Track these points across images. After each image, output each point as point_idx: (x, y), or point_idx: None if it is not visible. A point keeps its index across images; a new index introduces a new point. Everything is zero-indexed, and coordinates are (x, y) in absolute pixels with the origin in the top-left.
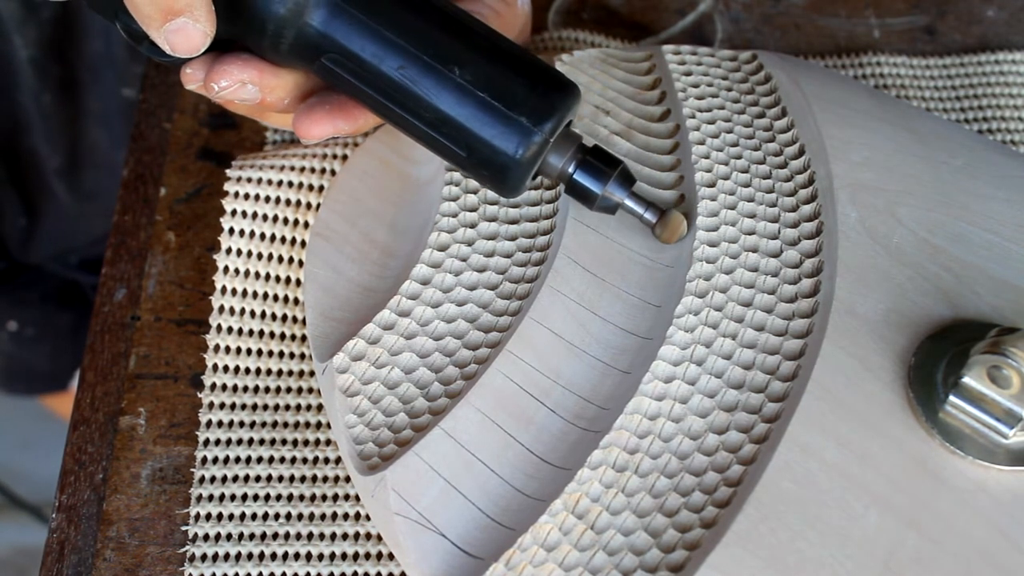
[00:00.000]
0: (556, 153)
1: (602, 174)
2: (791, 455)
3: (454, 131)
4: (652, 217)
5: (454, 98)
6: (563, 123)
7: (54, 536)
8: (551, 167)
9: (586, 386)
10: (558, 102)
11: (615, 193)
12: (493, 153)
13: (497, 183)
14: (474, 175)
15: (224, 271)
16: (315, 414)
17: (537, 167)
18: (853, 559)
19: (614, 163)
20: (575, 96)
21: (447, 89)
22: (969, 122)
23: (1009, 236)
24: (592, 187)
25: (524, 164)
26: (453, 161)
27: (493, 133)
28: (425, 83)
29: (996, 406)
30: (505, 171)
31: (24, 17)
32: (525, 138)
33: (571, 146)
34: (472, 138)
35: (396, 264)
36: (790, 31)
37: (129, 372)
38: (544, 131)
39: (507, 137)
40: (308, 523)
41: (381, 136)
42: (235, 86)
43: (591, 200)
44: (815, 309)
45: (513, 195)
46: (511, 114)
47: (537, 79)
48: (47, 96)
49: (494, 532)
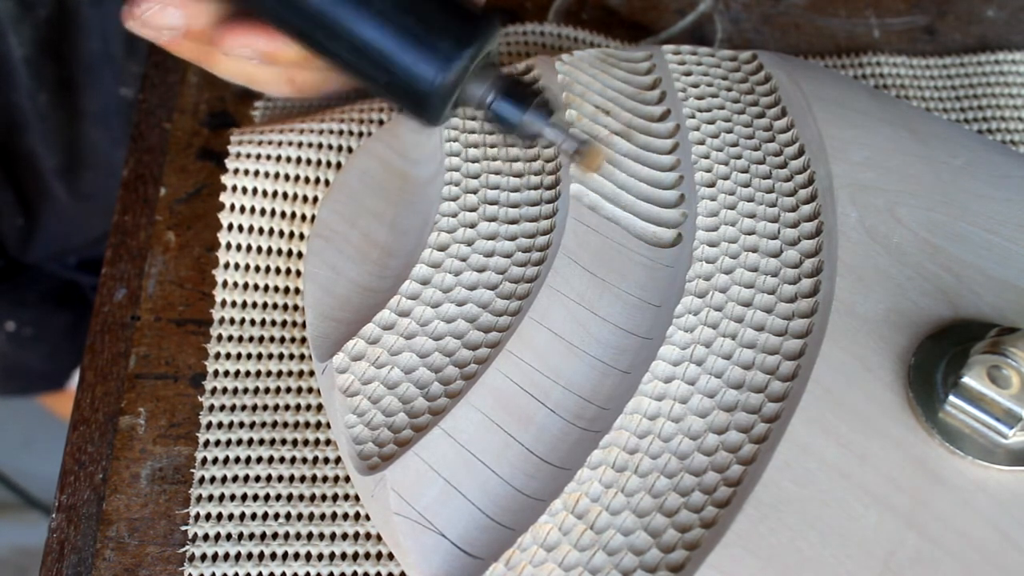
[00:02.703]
0: (476, 82)
1: (521, 102)
2: (791, 455)
3: (373, 57)
4: (571, 146)
5: (373, 24)
6: (483, 51)
7: (54, 536)
8: (471, 95)
9: (586, 386)
10: (478, 29)
11: (534, 121)
12: (412, 79)
13: (417, 110)
14: (395, 102)
15: (227, 248)
16: (315, 414)
17: (456, 95)
18: (853, 559)
19: (534, 93)
20: (493, 25)
21: (366, 15)
22: (969, 122)
23: (1009, 236)
24: (510, 116)
25: (443, 91)
26: (374, 88)
27: (412, 59)
28: (344, 9)
29: (996, 406)
30: (424, 98)
31: (19, 16)
32: (444, 64)
33: (491, 75)
34: (391, 64)
35: (396, 264)
36: (790, 31)
37: (129, 372)
38: (463, 57)
39: (426, 63)
40: (308, 523)
41: (381, 136)
42: (155, 7)
43: (511, 128)
44: (815, 309)
45: (434, 123)
46: (430, 40)
47: (457, 7)
48: (44, 96)
49: (494, 532)
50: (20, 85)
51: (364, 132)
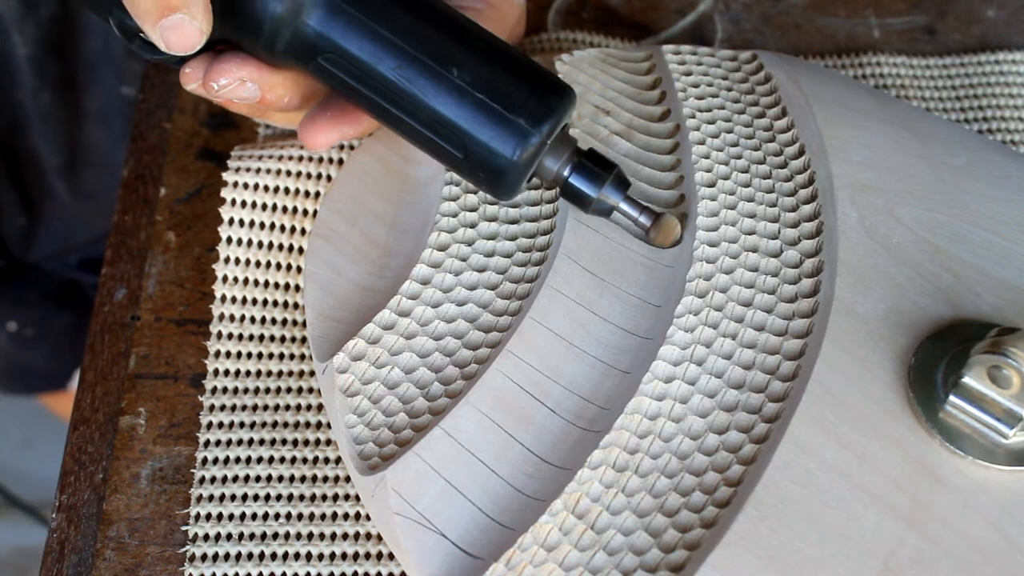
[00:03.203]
0: (552, 156)
1: (597, 178)
2: (791, 455)
3: (451, 132)
4: (647, 221)
5: (451, 99)
6: (560, 125)
7: (54, 536)
8: (547, 170)
9: (586, 386)
10: (555, 104)
11: (610, 196)
12: (490, 155)
13: (493, 185)
14: (470, 177)
15: (225, 262)
16: (315, 414)
17: (533, 170)
18: (853, 559)
19: (609, 167)
20: (571, 99)
21: (444, 90)
22: (969, 122)
23: (1009, 236)
24: (587, 191)
25: (521, 166)
26: (449, 163)
27: (490, 135)
28: (422, 84)
29: (996, 406)
30: (502, 173)
31: (22, 15)
32: (522, 140)
33: (567, 149)
34: (469, 140)
35: (396, 264)
36: (790, 31)
37: (129, 372)
38: (541, 133)
39: (504, 139)
40: (308, 523)
41: (381, 136)
42: (234, 84)
43: (586, 204)
44: (815, 309)
45: (508, 198)
46: (509, 116)
47: (534, 81)
48: (46, 95)
49: (494, 532)
50: (23, 84)
51: None
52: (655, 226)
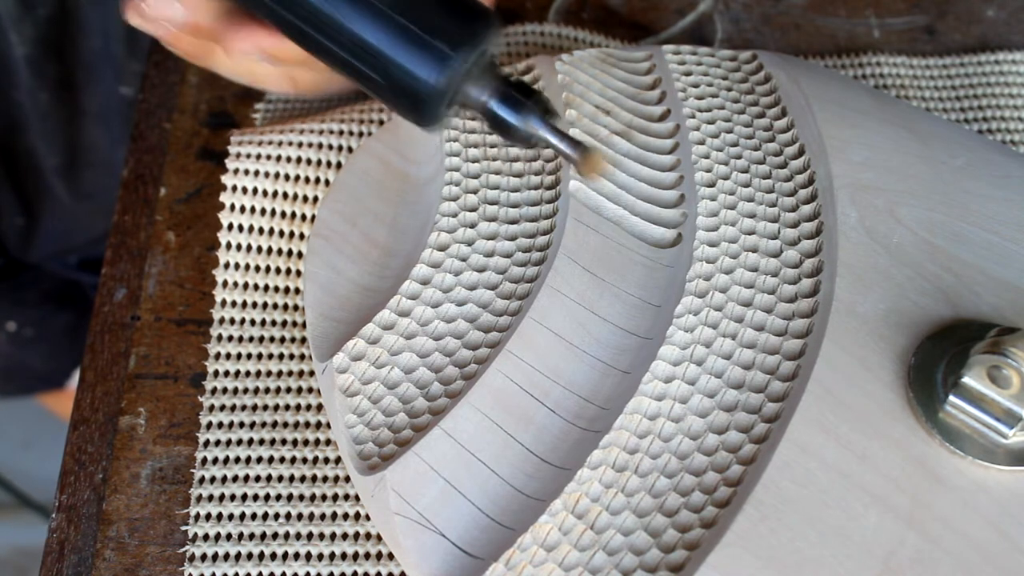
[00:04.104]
0: (475, 84)
1: (523, 106)
2: (791, 455)
3: (371, 57)
4: (573, 152)
5: (372, 22)
6: (481, 50)
7: (54, 536)
8: (470, 98)
9: (586, 386)
10: (478, 29)
11: (535, 126)
12: (410, 79)
13: (414, 112)
14: (392, 104)
15: (227, 248)
16: (315, 414)
17: (454, 97)
18: (853, 559)
19: (533, 95)
20: (493, 24)
21: (365, 13)
22: (969, 122)
23: (1009, 236)
24: (512, 119)
25: (441, 91)
26: (371, 89)
27: (410, 59)
28: (342, 6)
29: (996, 406)
30: (421, 99)
31: (20, 15)
32: (442, 63)
33: (492, 78)
34: (389, 64)
35: (396, 264)
36: (790, 31)
37: (129, 372)
38: (461, 57)
39: (424, 63)
40: (308, 523)
41: (381, 136)
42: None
43: (511, 133)
44: (815, 309)
45: (430, 125)
46: (429, 39)
47: (456, 6)
48: (44, 95)
49: (494, 532)
50: (21, 84)
51: (364, 132)
52: (581, 158)
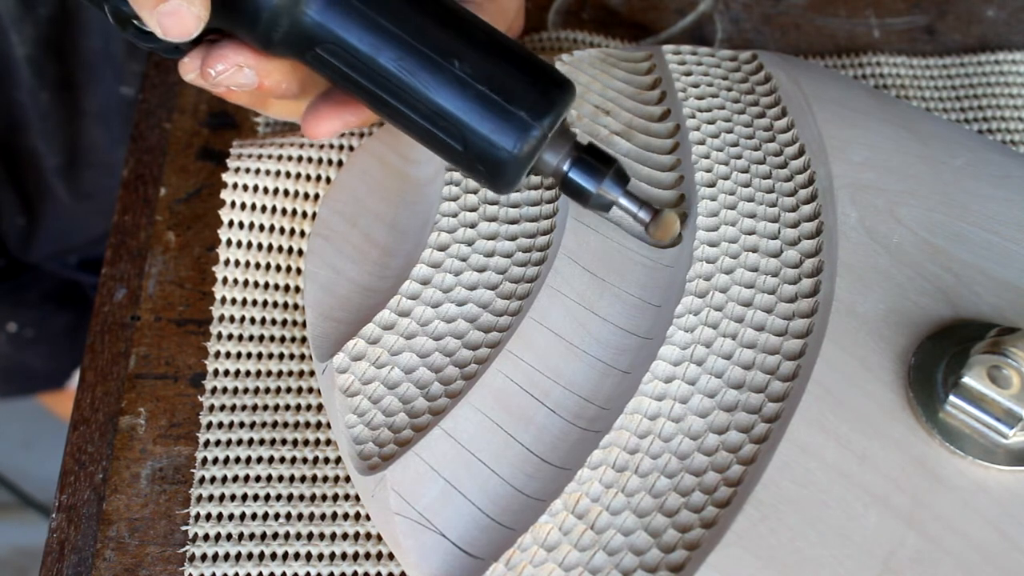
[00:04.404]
0: (551, 150)
1: (597, 172)
2: (791, 455)
3: (451, 125)
4: (646, 216)
5: (452, 91)
6: (560, 119)
7: (54, 536)
8: (546, 164)
9: (586, 386)
10: (556, 98)
11: (610, 191)
12: (491, 148)
13: (492, 179)
14: (469, 170)
15: (225, 264)
16: (315, 414)
17: (533, 164)
18: (853, 559)
19: (609, 161)
20: (571, 92)
21: (445, 82)
22: (969, 122)
23: (1009, 236)
24: (587, 185)
25: (521, 159)
26: (449, 156)
27: (491, 127)
28: (423, 76)
29: (996, 406)
30: (502, 167)
31: (21, 15)
32: (523, 133)
33: (566, 143)
34: (469, 132)
35: (396, 264)
36: (790, 31)
37: (129, 372)
38: (542, 126)
39: (505, 131)
40: (308, 523)
41: (381, 136)
42: (232, 70)
43: (586, 198)
44: (815, 309)
45: (507, 191)
46: (510, 108)
47: (535, 74)
48: (45, 95)
49: (494, 532)
50: (21, 83)
51: (364, 132)
52: (654, 221)
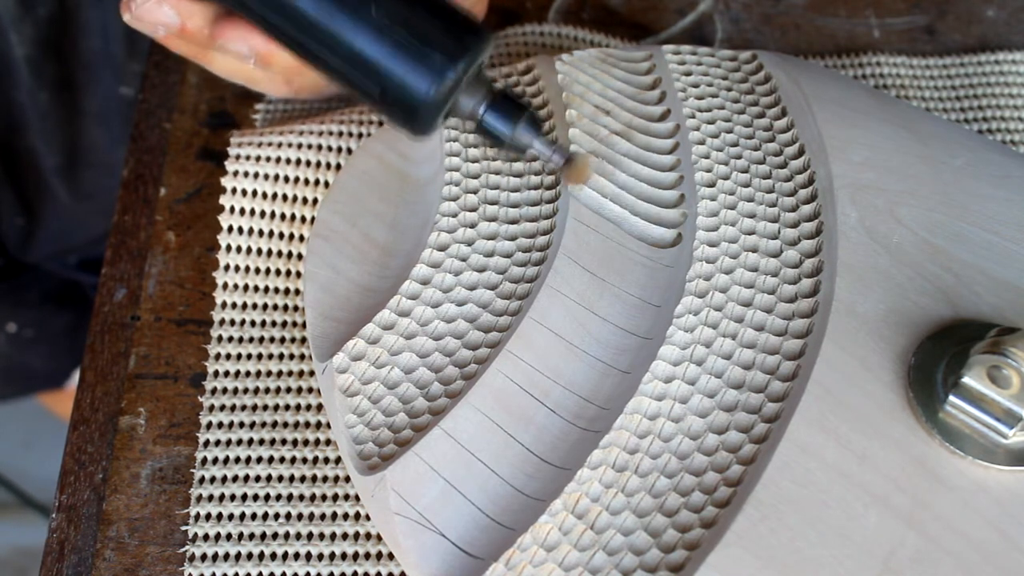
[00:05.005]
0: (467, 95)
1: (511, 116)
2: (791, 455)
3: (367, 68)
4: (559, 159)
5: (369, 35)
6: (475, 63)
7: (54, 536)
8: (462, 108)
9: (586, 386)
10: (471, 42)
11: (523, 135)
12: (406, 91)
13: (408, 122)
14: (386, 114)
15: (227, 249)
16: (315, 414)
17: (448, 107)
18: (853, 559)
19: (523, 106)
20: (486, 38)
21: (363, 26)
22: (969, 122)
23: (1009, 236)
24: (502, 128)
25: (436, 102)
26: (366, 99)
27: (406, 70)
28: (340, 19)
29: (996, 406)
30: (417, 109)
31: (20, 15)
32: (438, 76)
33: (482, 88)
34: (385, 75)
35: (396, 264)
36: (790, 31)
37: (129, 372)
38: (457, 69)
39: (420, 75)
40: (308, 523)
41: (381, 136)
42: (150, 3)
43: (501, 142)
44: (815, 309)
45: (423, 134)
46: (425, 52)
47: (450, 20)
48: (44, 95)
49: (494, 532)
50: (21, 83)
51: (364, 133)
52: (568, 165)
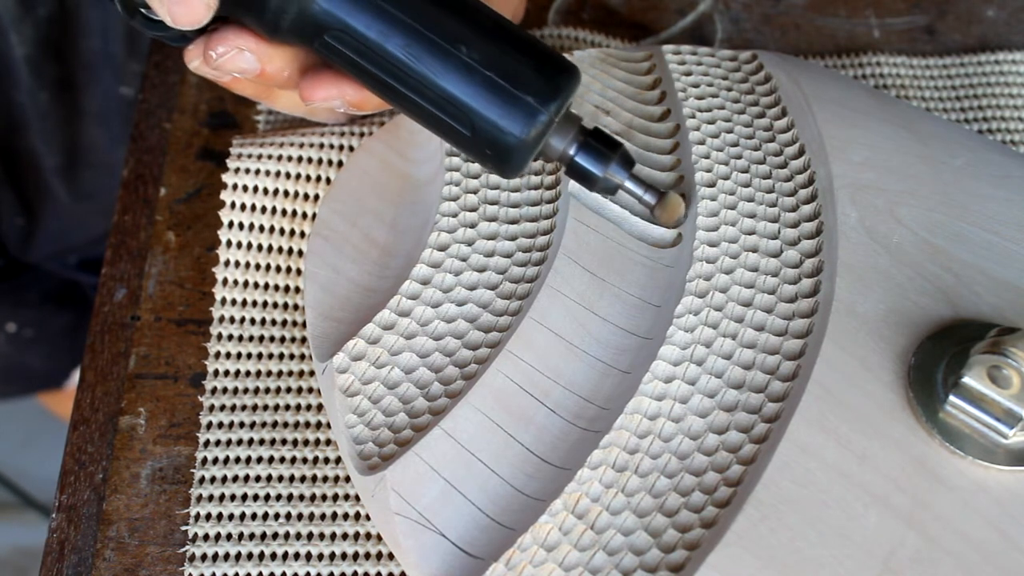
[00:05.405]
0: (558, 135)
1: (603, 156)
2: (791, 455)
3: (458, 110)
4: (652, 199)
5: (460, 77)
6: (567, 104)
7: (54, 536)
8: (552, 149)
9: (586, 386)
10: (562, 83)
11: (616, 175)
12: (498, 133)
13: (500, 164)
14: (476, 155)
15: (226, 248)
16: (315, 414)
17: (540, 148)
18: (853, 559)
19: (615, 145)
20: (577, 77)
21: (453, 68)
22: (969, 122)
23: (1009, 236)
24: (593, 169)
25: (529, 144)
26: (456, 141)
27: (499, 113)
28: (430, 62)
29: (996, 406)
30: (510, 151)
31: (20, 15)
32: (531, 118)
33: (572, 128)
34: (477, 117)
35: (396, 264)
36: (790, 31)
37: (129, 372)
38: (549, 111)
39: (513, 117)
40: (308, 523)
41: (381, 136)
42: (232, 52)
43: (592, 182)
44: (815, 309)
45: (514, 175)
46: (517, 94)
47: (541, 60)
48: (44, 95)
49: (494, 532)
50: (20, 84)
51: (364, 132)
52: (660, 204)
